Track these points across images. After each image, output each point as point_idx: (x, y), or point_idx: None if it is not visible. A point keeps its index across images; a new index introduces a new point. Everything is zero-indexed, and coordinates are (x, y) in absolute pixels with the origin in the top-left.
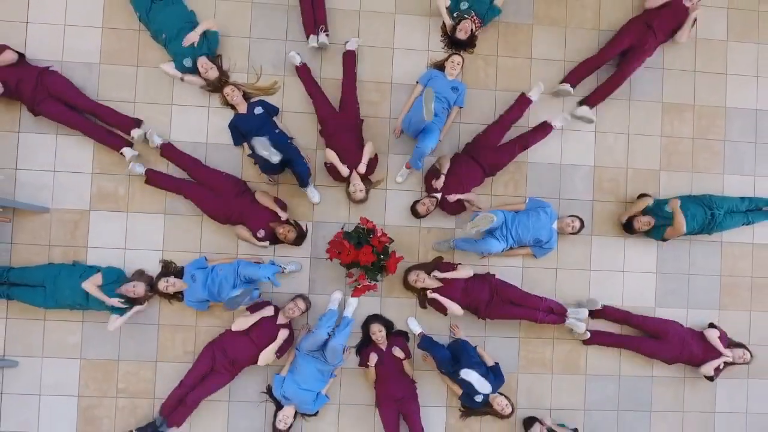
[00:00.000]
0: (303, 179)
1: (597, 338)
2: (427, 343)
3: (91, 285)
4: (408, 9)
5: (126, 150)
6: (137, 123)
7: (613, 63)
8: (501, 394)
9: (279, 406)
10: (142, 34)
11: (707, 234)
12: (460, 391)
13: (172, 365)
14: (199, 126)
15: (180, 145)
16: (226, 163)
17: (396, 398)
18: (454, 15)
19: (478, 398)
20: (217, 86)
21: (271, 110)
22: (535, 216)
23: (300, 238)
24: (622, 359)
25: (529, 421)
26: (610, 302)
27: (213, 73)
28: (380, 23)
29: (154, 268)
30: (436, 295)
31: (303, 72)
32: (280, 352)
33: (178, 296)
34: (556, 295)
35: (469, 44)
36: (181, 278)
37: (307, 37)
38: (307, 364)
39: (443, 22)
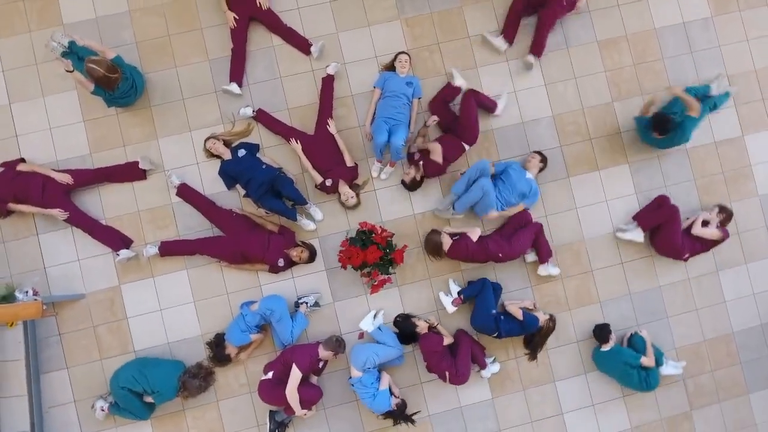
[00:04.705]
0: (298, 201)
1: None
2: (469, 291)
3: None
4: (347, 26)
5: (123, 252)
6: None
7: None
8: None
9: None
10: (120, 116)
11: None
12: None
13: (232, 400)
14: (195, 182)
15: (180, 203)
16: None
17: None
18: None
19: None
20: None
21: (253, 149)
22: (506, 175)
23: (312, 256)
24: (627, 278)
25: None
26: (602, 231)
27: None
28: (327, 45)
29: (190, 322)
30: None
31: (261, 117)
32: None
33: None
34: (552, 240)
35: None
36: (224, 342)
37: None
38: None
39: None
